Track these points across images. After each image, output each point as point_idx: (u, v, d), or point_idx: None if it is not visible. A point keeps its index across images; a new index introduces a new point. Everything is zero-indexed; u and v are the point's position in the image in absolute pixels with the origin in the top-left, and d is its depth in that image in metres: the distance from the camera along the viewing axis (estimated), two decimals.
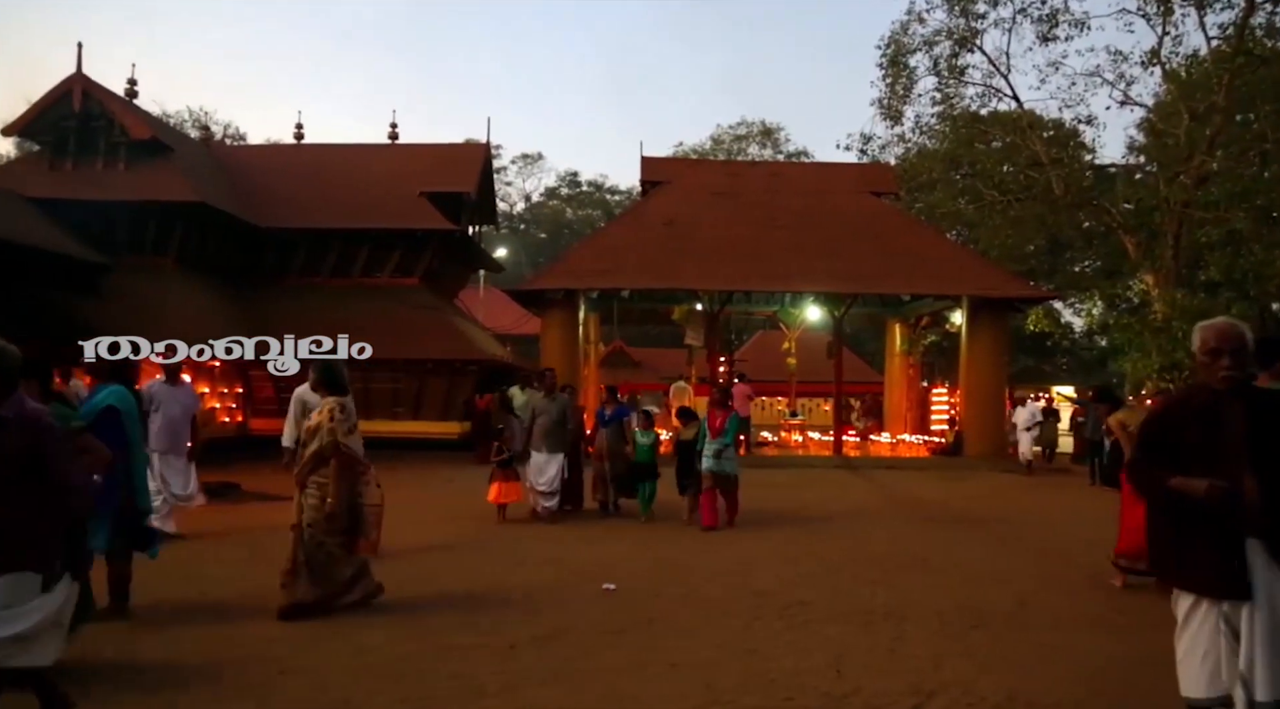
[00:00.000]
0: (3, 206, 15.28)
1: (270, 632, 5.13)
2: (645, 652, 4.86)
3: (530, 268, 41.31)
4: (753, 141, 47.40)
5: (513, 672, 4.48)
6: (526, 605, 5.88)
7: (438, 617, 5.55)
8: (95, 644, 4.68)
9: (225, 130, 43.13)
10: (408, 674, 4.41)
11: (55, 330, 13.44)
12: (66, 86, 17.78)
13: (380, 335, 18.00)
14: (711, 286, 18.58)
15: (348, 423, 5.63)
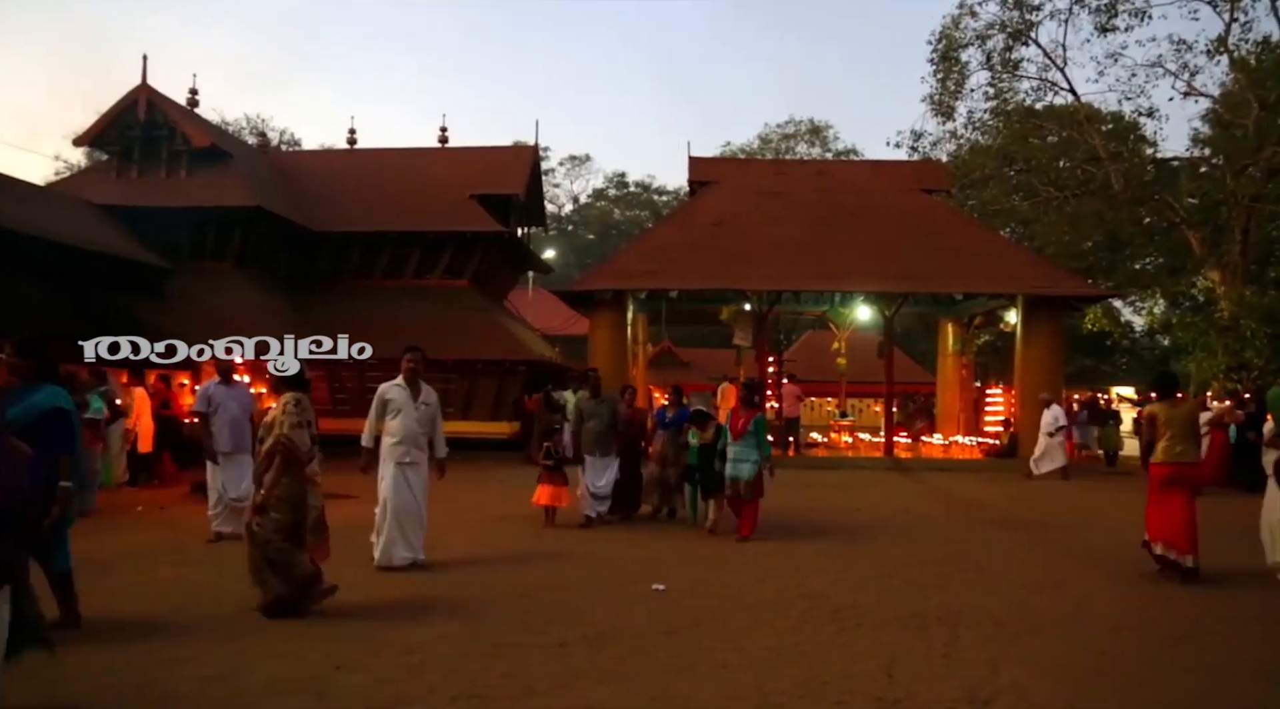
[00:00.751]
0: (73, 213, 15.86)
1: (324, 630, 5.22)
2: (696, 652, 4.85)
3: (578, 269, 41.51)
4: (801, 140, 47.08)
5: (564, 670, 4.51)
6: (576, 605, 5.91)
7: (488, 615, 5.60)
8: (128, 638, 4.81)
9: (281, 136, 44.16)
10: (459, 671, 4.46)
11: (119, 331, 13.84)
12: (132, 97, 18.37)
13: (431, 336, 18.25)
14: (760, 286, 18.47)
15: (298, 417, 5.58)
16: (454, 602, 5.94)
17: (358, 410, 18.62)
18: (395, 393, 6.95)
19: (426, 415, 7.02)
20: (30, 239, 12.81)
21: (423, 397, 7.02)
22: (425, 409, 7.01)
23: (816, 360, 27.02)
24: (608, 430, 9.40)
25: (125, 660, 4.56)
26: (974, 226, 21.19)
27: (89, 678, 4.26)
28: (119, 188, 18.07)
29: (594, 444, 9.37)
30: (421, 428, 6.96)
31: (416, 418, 6.92)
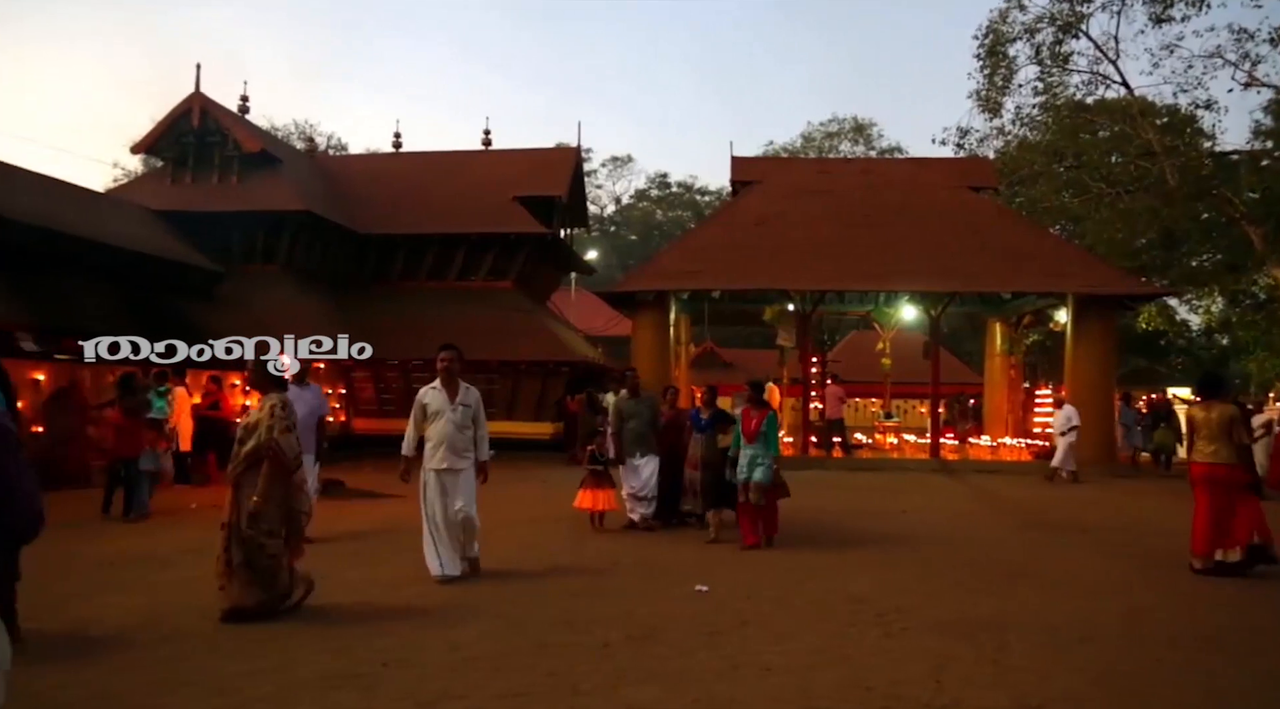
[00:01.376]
0: (131, 219, 16.32)
1: (372, 626, 5.30)
2: (739, 654, 4.83)
3: (621, 270, 41.60)
4: (844, 138, 46.64)
5: (608, 670, 4.52)
6: (619, 605, 5.91)
7: (532, 614, 5.64)
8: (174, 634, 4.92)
9: (328, 141, 44.94)
10: (504, 670, 4.49)
11: (173, 333, 14.23)
12: (186, 105, 18.83)
13: (475, 337, 18.47)
14: (803, 286, 18.34)
15: (287, 421, 5.47)
16: (498, 601, 5.99)
17: (402, 411, 18.97)
18: (431, 396, 6.62)
19: (465, 417, 6.61)
20: (92, 244, 13.20)
21: (460, 397, 6.62)
22: (464, 411, 6.60)
23: (860, 361, 26.77)
24: (648, 430, 9.17)
25: (179, 651, 4.68)
26: (1022, 224, 20.80)
27: (146, 669, 4.37)
28: (174, 193, 18.54)
29: (634, 444, 9.14)
30: (460, 431, 6.56)
31: (454, 421, 6.53)
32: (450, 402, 6.56)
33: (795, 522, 9.45)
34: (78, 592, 5.99)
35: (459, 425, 6.54)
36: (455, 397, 6.60)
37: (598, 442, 9.49)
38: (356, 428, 19.08)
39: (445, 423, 6.49)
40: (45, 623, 5.18)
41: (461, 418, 6.57)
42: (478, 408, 6.73)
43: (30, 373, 12.15)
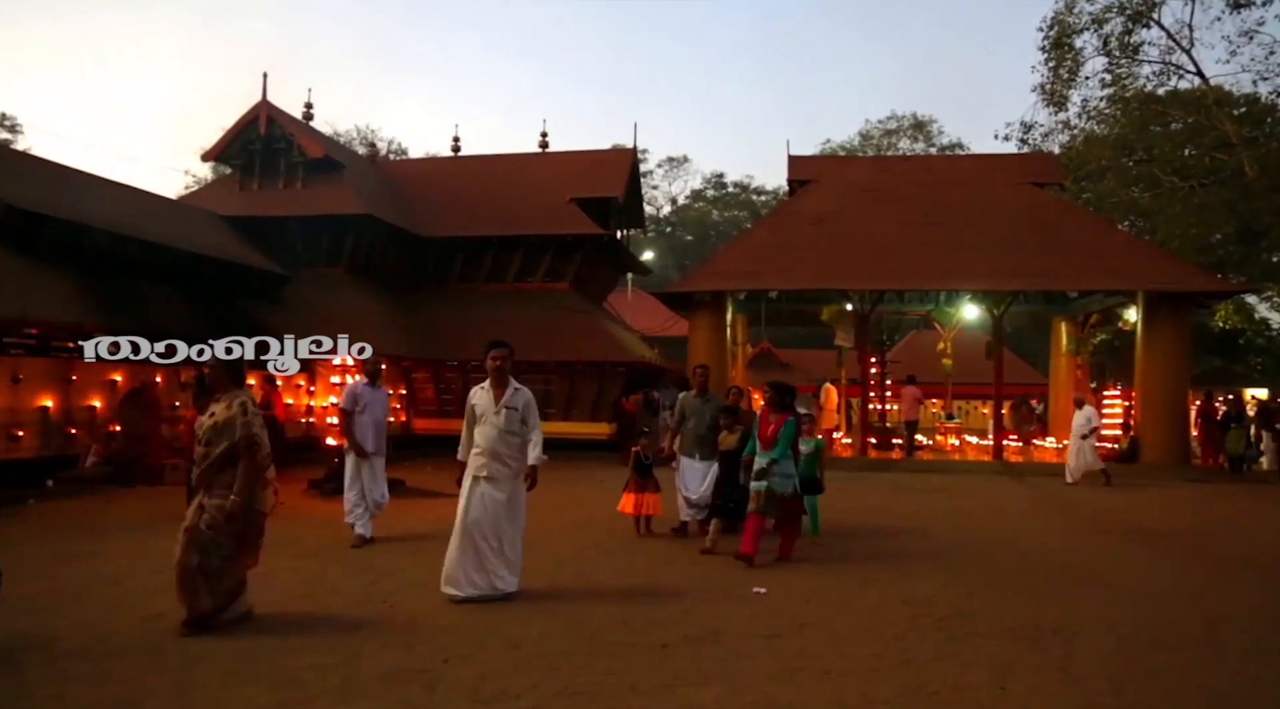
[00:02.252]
0: (201, 225, 16.85)
1: (435, 622, 5.38)
2: (799, 658, 4.78)
3: (677, 270, 41.58)
4: (903, 136, 45.98)
5: (666, 671, 4.52)
6: (677, 606, 5.91)
7: (590, 613, 5.66)
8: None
9: (389, 146, 45.82)
10: (563, 668, 4.52)
11: (244, 333, 14.65)
12: (254, 113, 19.37)
13: (532, 338, 18.66)
14: (862, 286, 18.10)
15: (259, 418, 5.25)
16: (556, 600, 6.03)
17: (460, 411, 19.22)
18: (480, 397, 6.10)
19: (512, 421, 6.00)
20: (164, 249, 13.67)
21: (506, 398, 6.02)
22: (509, 414, 5.99)
23: (921, 361, 26.33)
24: (709, 432, 8.59)
25: (251, 644, 4.81)
26: (1089, 220, 20.22)
27: (217, 661, 4.51)
28: (241, 199, 19.09)
29: (692, 446, 8.66)
30: (506, 436, 5.98)
31: (498, 424, 5.96)
32: (496, 403, 6.03)
33: (853, 524, 9.34)
34: (157, 587, 6.19)
35: (504, 430, 5.97)
36: (501, 397, 6.04)
37: (643, 443, 9.06)
38: (417, 428, 19.40)
39: (489, 427, 5.97)
40: (125, 615, 5.39)
41: (507, 421, 5.99)
42: (527, 410, 6.09)
43: (108, 374, 12.61)
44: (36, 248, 11.51)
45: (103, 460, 12.17)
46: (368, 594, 6.12)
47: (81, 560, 7.03)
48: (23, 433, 11.17)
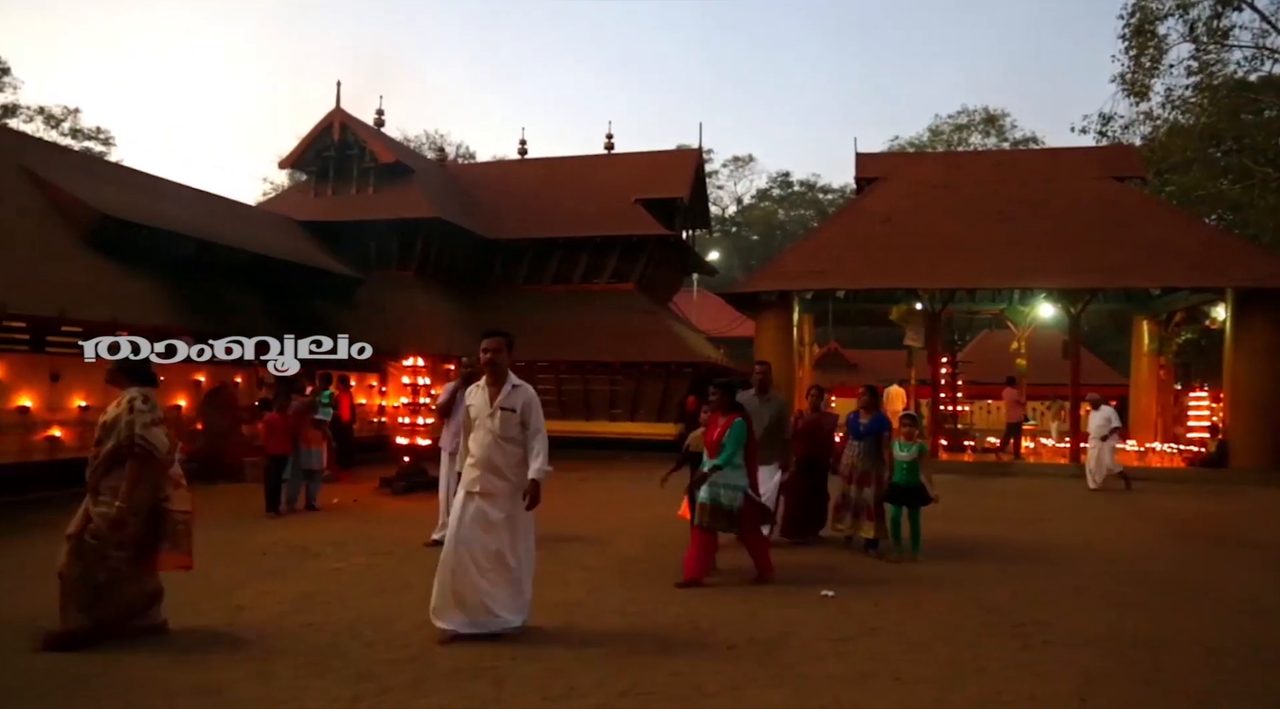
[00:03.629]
0: (278, 230, 17.39)
1: None
2: (869, 662, 4.70)
3: (743, 270, 41.36)
4: (975, 131, 44.84)
5: (733, 673, 4.49)
6: (745, 608, 5.86)
7: (656, 615, 5.66)
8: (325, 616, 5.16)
9: (457, 150, 46.61)
10: (629, 668, 4.53)
11: (319, 335, 15.06)
12: (328, 121, 19.93)
13: (598, 339, 18.79)
14: (932, 285, 17.72)
15: (150, 415, 4.86)
16: (622, 600, 6.04)
17: None
18: (474, 396, 5.19)
19: (508, 425, 5.04)
20: (245, 254, 14.14)
21: (502, 398, 5.06)
22: (505, 417, 5.04)
23: (993, 361, 25.68)
24: (768, 434, 7.91)
25: (326, 638, 4.94)
26: (1173, 214, 19.42)
27: (296, 653, 4.64)
28: (316, 204, 19.66)
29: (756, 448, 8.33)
30: (501, 443, 5.03)
31: (491, 429, 5.03)
32: (490, 403, 5.09)
33: (924, 528, 9.15)
34: (239, 580, 6.42)
35: (499, 436, 5.02)
36: (497, 397, 5.09)
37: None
38: None
39: (483, 432, 5.06)
40: (210, 606, 5.59)
41: (503, 426, 5.03)
42: (526, 412, 5.09)
43: (192, 374, 13.10)
44: (127, 254, 12.01)
45: (187, 457, 12.63)
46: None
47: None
48: None
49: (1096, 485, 13.79)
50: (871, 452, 7.86)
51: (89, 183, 12.94)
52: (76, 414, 11.12)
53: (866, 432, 7.93)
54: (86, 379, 11.19)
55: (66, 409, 11.04)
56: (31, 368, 10.52)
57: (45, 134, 35.11)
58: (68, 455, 10.95)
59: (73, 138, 37.39)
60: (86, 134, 38.64)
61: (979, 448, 19.45)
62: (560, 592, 6.26)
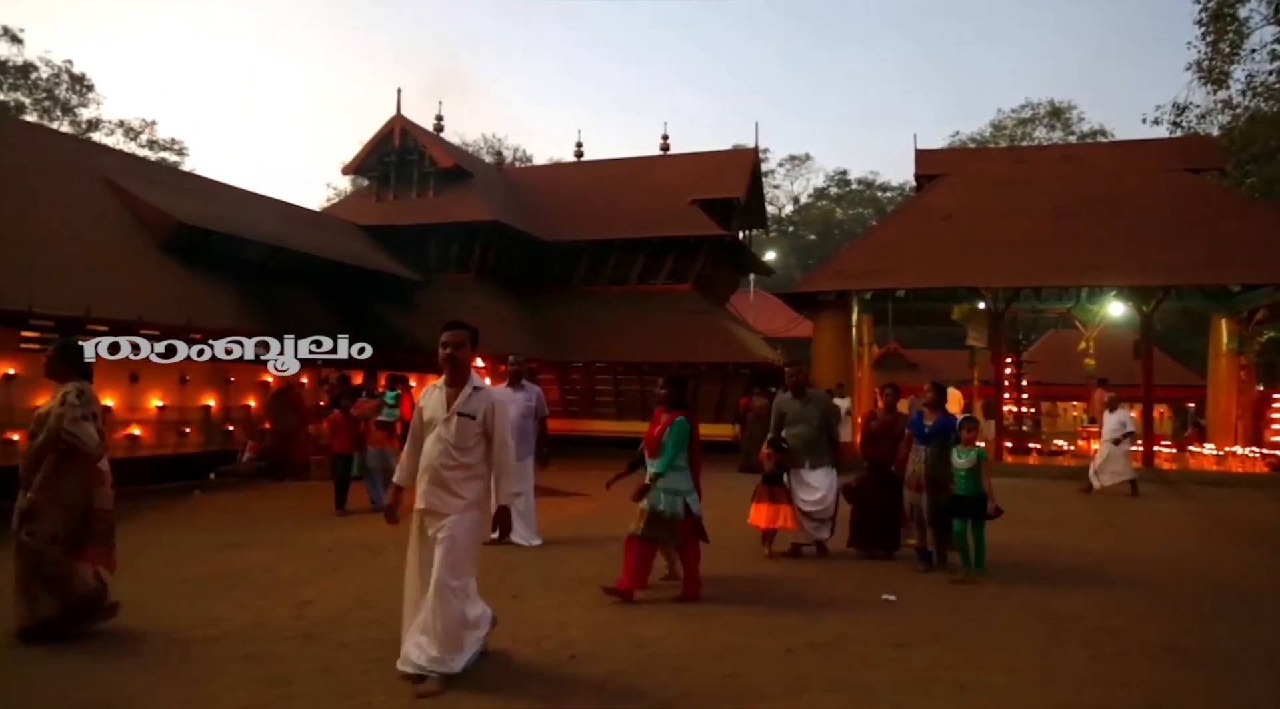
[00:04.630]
0: (342, 234, 17.81)
1: (560, 618, 5.50)
2: (931, 669, 4.62)
3: (800, 270, 41.01)
4: (1039, 124, 43.64)
5: (791, 676, 4.46)
6: (803, 611, 5.82)
7: (715, 615, 5.65)
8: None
9: (514, 153, 47.13)
10: (687, 669, 4.53)
11: (380, 338, 15.41)
12: (389, 127, 20.33)
13: (655, 339, 18.82)
14: (996, 283, 17.33)
15: (82, 410, 4.78)
16: (681, 601, 6.04)
17: (585, 412, 19.65)
18: (430, 397, 4.45)
19: (465, 434, 4.31)
20: (311, 258, 14.52)
21: (461, 402, 4.34)
22: (463, 423, 4.31)
23: (1060, 361, 25.01)
24: (819, 434, 7.73)
25: (387, 633, 5.03)
26: (1254, 207, 18.65)
27: (361, 647, 4.75)
28: (378, 210, 20.07)
29: (802, 452, 7.73)
30: (454, 455, 4.29)
31: (446, 438, 4.30)
32: (446, 407, 4.37)
33: (987, 532, 8.95)
34: (306, 576, 6.59)
35: (452, 445, 4.30)
36: (456, 399, 4.37)
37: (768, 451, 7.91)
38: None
39: (435, 441, 4.35)
40: (277, 600, 5.75)
41: (458, 434, 4.30)
42: (490, 419, 4.38)
43: (260, 375, 13.49)
44: (200, 260, 12.43)
45: (257, 456, 13.04)
46: (496, 589, 6.28)
47: (239, 549, 7.56)
48: (189, 430, 12.10)
49: (1099, 487, 13.30)
50: (938, 456, 7.13)
51: (165, 192, 13.44)
52: (154, 414, 11.54)
53: (932, 434, 7.22)
54: (163, 380, 11.62)
55: (145, 409, 11.46)
56: (113, 369, 10.95)
57: (125, 146, 36.51)
58: (146, 453, 11.37)
59: (150, 149, 38.83)
60: (162, 145, 40.11)
61: (1045, 451, 18.95)
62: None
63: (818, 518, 7.75)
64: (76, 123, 37.80)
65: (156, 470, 11.33)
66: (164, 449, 11.64)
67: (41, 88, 37.52)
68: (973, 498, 6.87)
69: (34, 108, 36.77)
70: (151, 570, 6.53)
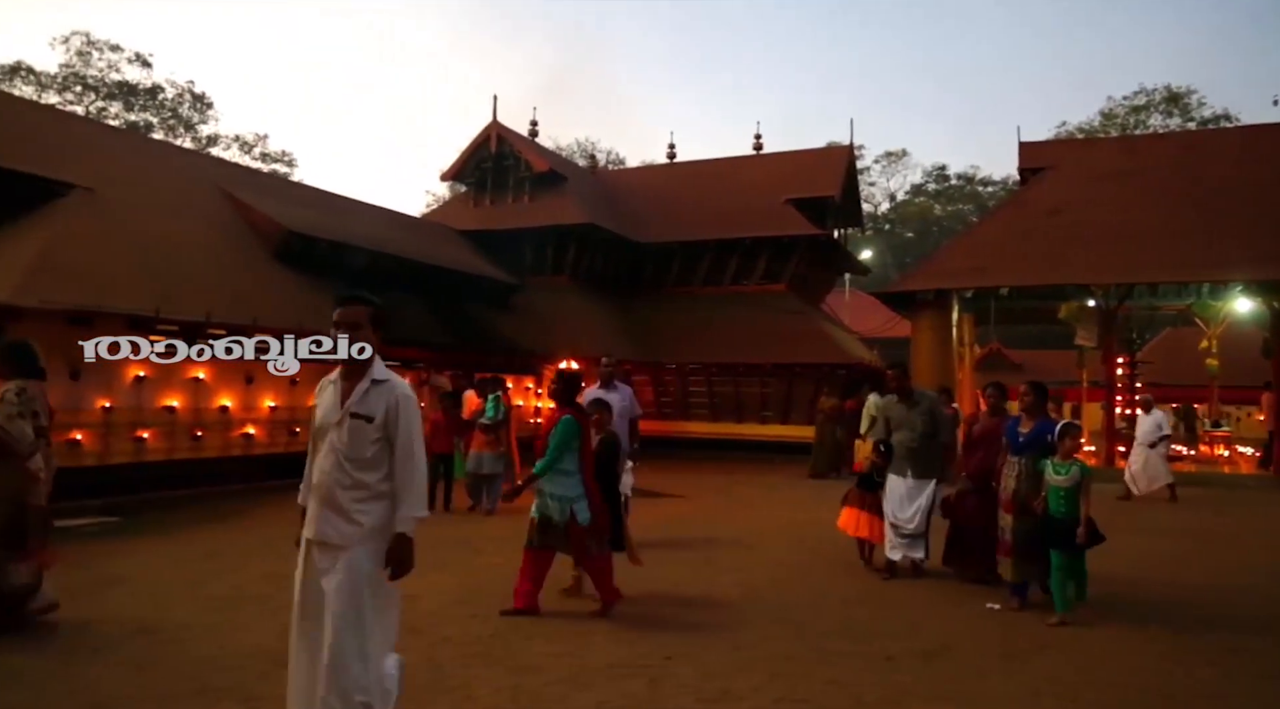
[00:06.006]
0: (441, 239, 18.31)
1: (656, 618, 5.52)
2: (1041, 682, 4.44)
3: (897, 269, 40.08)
4: (1155, 112, 41.55)
5: (893, 684, 4.35)
6: (903, 617, 5.68)
7: (813, 620, 5.57)
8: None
9: (607, 156, 47.59)
10: (785, 674, 4.48)
11: (479, 340, 15.80)
12: (485, 134, 20.82)
13: (749, 340, 18.68)
14: (1107, 280, 16.52)
15: (19, 407, 4.76)
16: (778, 603, 5.99)
17: (680, 413, 19.66)
18: (323, 394, 3.43)
19: (360, 439, 3.23)
20: (412, 263, 14.98)
21: (355, 400, 3.28)
22: (356, 427, 3.24)
23: (1179, 361, 23.71)
24: (923, 442, 7.03)
25: (489, 629, 5.15)
26: None
27: (461, 643, 4.87)
28: (475, 215, 20.56)
29: (902, 461, 7.10)
30: (347, 466, 3.23)
31: (338, 445, 3.25)
32: (339, 406, 3.31)
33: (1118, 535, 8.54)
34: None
35: (345, 455, 3.23)
36: (350, 395, 3.30)
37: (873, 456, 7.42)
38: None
39: (327, 450, 3.30)
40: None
41: (351, 440, 3.23)
42: (391, 422, 3.27)
43: None
44: (308, 266, 12.98)
45: None
46: (593, 588, 6.35)
47: None
48: (300, 430, 12.62)
49: (1138, 493, 12.48)
50: (1034, 470, 6.00)
51: (276, 201, 14.09)
52: (267, 414, 12.09)
53: (1026, 443, 6.09)
54: (275, 382, 12.16)
55: (259, 409, 12.03)
56: (229, 371, 11.54)
57: (239, 158, 38.52)
58: (260, 451, 11.93)
59: (262, 161, 40.91)
60: (273, 157, 42.22)
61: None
62: (713, 593, 6.27)
63: (909, 535, 7.03)
64: (197, 138, 40.18)
65: (269, 468, 11.87)
66: (276, 447, 12.18)
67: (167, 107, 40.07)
68: (1071, 522, 5.69)
69: (160, 126, 39.25)
70: (267, 564, 6.86)
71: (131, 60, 38.59)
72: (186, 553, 7.38)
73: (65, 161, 11.03)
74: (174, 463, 10.81)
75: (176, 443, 10.88)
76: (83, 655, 4.51)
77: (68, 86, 37.15)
